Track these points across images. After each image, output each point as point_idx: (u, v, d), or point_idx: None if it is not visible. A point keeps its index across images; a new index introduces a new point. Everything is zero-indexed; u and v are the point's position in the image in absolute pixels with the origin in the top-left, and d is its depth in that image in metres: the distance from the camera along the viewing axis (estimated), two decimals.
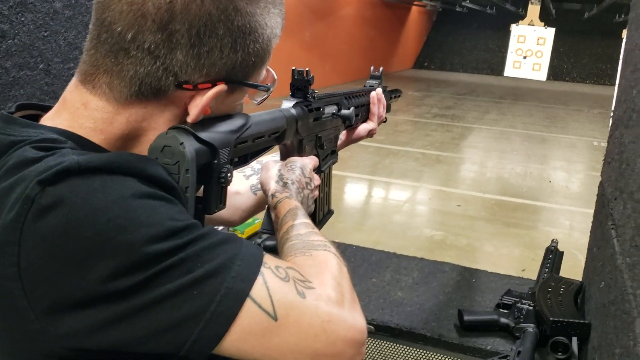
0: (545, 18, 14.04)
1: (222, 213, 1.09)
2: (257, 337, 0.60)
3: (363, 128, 1.28)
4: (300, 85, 0.99)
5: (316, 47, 11.35)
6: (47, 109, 0.72)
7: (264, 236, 1.71)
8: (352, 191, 5.55)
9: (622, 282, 1.00)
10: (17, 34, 1.05)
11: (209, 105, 0.70)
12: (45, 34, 1.10)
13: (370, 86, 1.36)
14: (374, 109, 1.29)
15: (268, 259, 0.64)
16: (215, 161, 0.71)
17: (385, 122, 1.39)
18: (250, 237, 1.87)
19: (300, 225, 0.81)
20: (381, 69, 1.39)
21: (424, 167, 6.45)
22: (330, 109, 1.10)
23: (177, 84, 0.67)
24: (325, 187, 1.13)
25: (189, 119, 0.70)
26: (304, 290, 0.63)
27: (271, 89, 0.80)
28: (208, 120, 0.72)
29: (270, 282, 0.61)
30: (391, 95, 1.48)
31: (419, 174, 6.17)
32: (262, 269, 0.62)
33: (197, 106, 0.69)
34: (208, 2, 0.65)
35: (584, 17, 17.21)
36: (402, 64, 18.20)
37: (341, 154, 1.23)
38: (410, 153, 7.06)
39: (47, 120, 0.69)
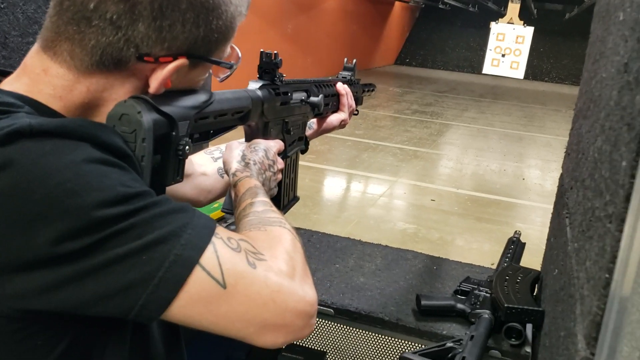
0: (527, 18, 14.16)
1: (188, 193, 1.09)
2: (205, 304, 0.61)
3: (335, 118, 1.29)
4: (267, 68, 1.00)
5: (298, 39, 11.31)
6: (7, 74, 0.71)
7: (229, 220, 1.71)
8: (329, 184, 5.55)
9: (571, 267, 1.02)
10: None
11: (169, 78, 0.71)
12: (2, 6, 1.08)
13: (342, 77, 1.37)
14: (343, 99, 1.30)
15: (220, 230, 0.65)
16: (174, 133, 0.72)
17: (356, 114, 1.41)
18: (218, 220, 1.86)
19: (258, 203, 0.82)
20: (354, 61, 1.41)
21: (402, 162, 6.48)
22: (298, 95, 1.11)
23: (138, 55, 0.68)
24: (292, 173, 1.14)
25: (150, 91, 0.71)
26: (254, 261, 0.64)
27: (235, 67, 0.80)
28: (169, 93, 0.73)
29: (220, 251, 0.62)
30: (364, 89, 1.49)
31: (396, 168, 6.19)
32: (214, 239, 0.63)
33: (157, 79, 0.70)
34: None
35: (564, 18, 17.40)
36: (384, 59, 18.23)
37: (319, 146, 1.24)
38: (388, 148, 7.08)
39: (6, 84, 0.69)
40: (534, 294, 1.43)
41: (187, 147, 0.74)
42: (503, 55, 13.33)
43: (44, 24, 0.69)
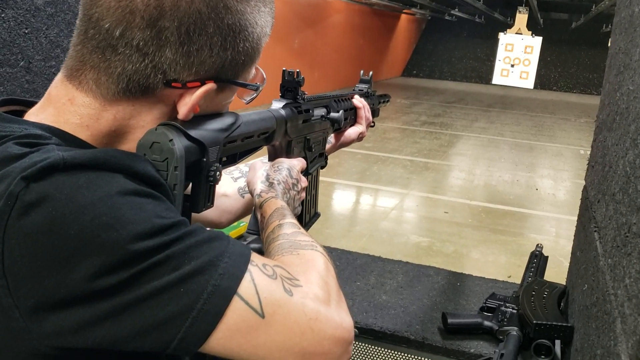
0: (533, 27, 14.17)
1: (209, 214, 1.08)
2: (243, 335, 0.59)
3: (353, 131, 1.28)
4: (290, 87, 0.99)
5: (305, 54, 11.37)
6: (31, 104, 0.71)
7: (249, 239, 1.70)
8: (339, 197, 5.54)
9: (604, 283, 1.00)
10: None
11: (198, 103, 0.70)
12: (26, 31, 1.09)
13: (359, 90, 1.37)
14: (360, 112, 1.29)
15: (255, 257, 0.64)
16: (204, 159, 0.70)
17: (373, 126, 1.40)
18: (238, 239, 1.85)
19: (287, 225, 0.81)
20: (371, 73, 1.39)
21: (412, 174, 6.47)
22: (319, 112, 1.10)
23: (165, 82, 0.66)
24: (312, 189, 1.13)
25: (179, 117, 0.69)
26: (291, 288, 0.63)
27: (260, 88, 0.80)
28: (197, 118, 0.72)
29: (257, 279, 0.61)
30: (380, 100, 1.48)
31: (407, 181, 6.18)
32: (250, 267, 0.61)
33: (186, 104, 0.69)
34: (198, 0, 0.64)
35: (571, 27, 17.40)
36: (391, 71, 18.28)
37: (329, 160, 1.23)
38: (398, 160, 7.08)
39: (32, 115, 0.68)
40: (560, 309, 1.40)
41: (217, 172, 0.73)
42: (512, 66, 13.33)
43: (68, 53, 0.68)
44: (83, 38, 0.66)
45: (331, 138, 1.26)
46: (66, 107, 0.67)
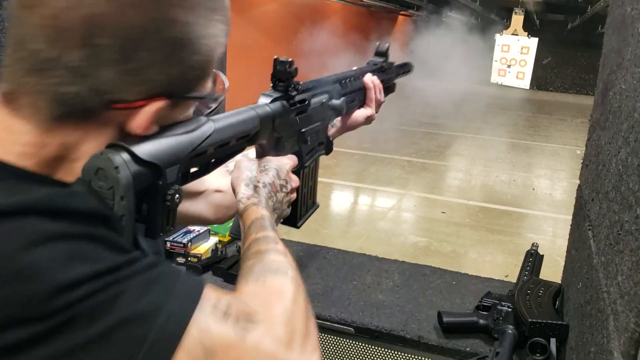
0: (529, 28, 14.20)
1: (203, 211, 1.03)
2: None
3: (360, 114, 1.19)
4: (282, 77, 0.91)
5: (302, 55, 11.38)
6: None
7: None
8: (337, 198, 5.55)
9: (598, 281, 1.01)
10: None
11: (152, 121, 0.64)
12: None
13: (373, 64, 1.26)
14: (370, 94, 1.20)
15: (208, 293, 0.58)
16: (160, 182, 0.64)
17: (389, 96, 1.29)
18: (231, 242, 1.86)
19: (263, 240, 0.75)
20: (387, 44, 1.27)
21: (410, 175, 6.48)
22: (318, 99, 1.02)
23: (107, 103, 0.61)
24: (310, 181, 1.06)
25: (137, 134, 0.64)
26: (245, 328, 0.57)
27: (220, 98, 0.74)
28: (156, 134, 0.66)
29: (205, 321, 0.56)
30: (399, 71, 1.36)
31: (405, 181, 6.19)
32: (198, 309, 0.56)
33: (138, 125, 0.63)
34: (134, 14, 0.58)
35: (567, 28, 17.43)
36: None
37: (326, 160, 1.12)
38: (396, 160, 7.09)
39: None
40: (556, 307, 1.41)
41: (176, 195, 0.66)
42: (509, 66, 13.37)
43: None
44: (14, 60, 0.60)
45: (337, 122, 1.18)
46: (4, 135, 0.60)
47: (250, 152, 0.94)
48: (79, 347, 0.51)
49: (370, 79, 1.20)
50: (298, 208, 1.00)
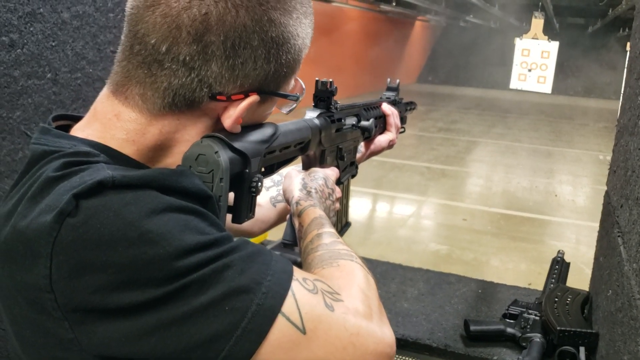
0: (549, 32, 14.10)
1: (246, 225, 1.08)
2: (285, 352, 0.59)
3: (383, 139, 1.27)
4: (323, 96, 0.99)
5: (320, 62, 11.41)
6: (77, 118, 0.72)
7: (268, 246, 1.70)
8: (356, 205, 5.54)
9: (630, 288, 1.00)
10: (25, 44, 1.06)
11: (242, 115, 0.70)
12: (54, 44, 1.11)
13: (386, 98, 1.36)
14: (390, 120, 1.29)
15: (297, 271, 0.64)
16: (247, 170, 0.71)
17: (403, 132, 1.38)
18: None
19: (326, 235, 0.80)
20: (397, 81, 1.38)
21: (429, 181, 6.45)
22: (350, 120, 1.10)
23: (210, 95, 0.67)
24: (344, 199, 1.11)
25: (226, 129, 0.70)
26: (332, 303, 0.63)
27: (300, 98, 0.80)
28: (240, 129, 0.72)
29: (299, 295, 0.61)
30: (406, 107, 1.48)
31: (424, 188, 6.16)
32: (292, 283, 0.62)
33: (230, 117, 0.69)
34: (243, 14, 0.65)
35: (587, 32, 17.27)
36: (406, 78, 18.25)
37: None
38: (415, 167, 7.06)
39: (78, 131, 0.69)
40: (584, 315, 1.39)
41: (259, 183, 0.73)
42: (529, 70, 13.28)
43: (112, 69, 0.69)
44: (128, 54, 0.66)
45: (361, 147, 1.26)
46: (112, 122, 0.68)
47: (294, 167, 1.01)
48: (186, 316, 0.56)
49: (388, 107, 1.29)
50: (335, 225, 1.03)
